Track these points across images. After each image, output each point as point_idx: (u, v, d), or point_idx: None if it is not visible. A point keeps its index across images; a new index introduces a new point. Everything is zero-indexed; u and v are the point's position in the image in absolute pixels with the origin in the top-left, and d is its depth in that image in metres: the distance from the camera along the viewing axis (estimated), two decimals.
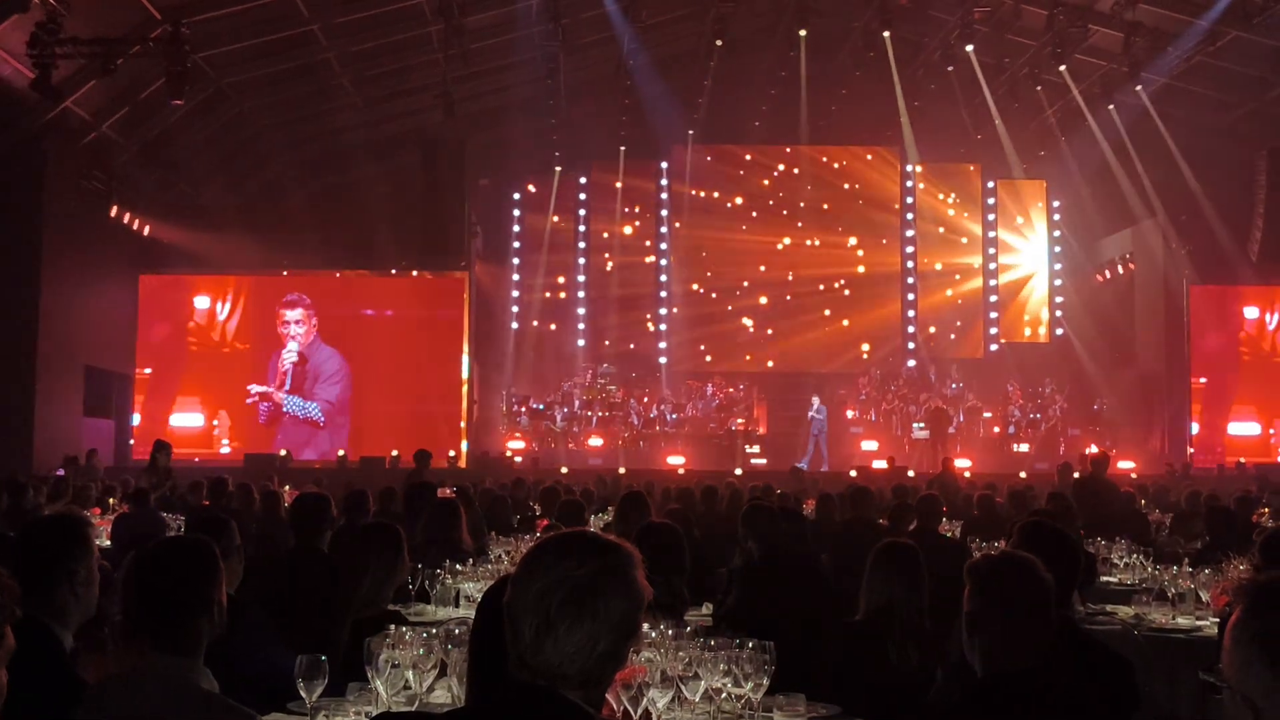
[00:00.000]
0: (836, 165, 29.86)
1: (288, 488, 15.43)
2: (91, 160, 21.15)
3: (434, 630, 3.97)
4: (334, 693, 3.93)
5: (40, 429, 20.36)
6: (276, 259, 26.06)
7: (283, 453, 23.77)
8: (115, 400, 24.38)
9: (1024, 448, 26.39)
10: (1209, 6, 20.31)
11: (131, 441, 24.88)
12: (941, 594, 4.93)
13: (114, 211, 22.61)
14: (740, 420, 26.90)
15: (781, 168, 29.93)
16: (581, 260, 29.60)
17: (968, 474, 20.91)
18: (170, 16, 17.81)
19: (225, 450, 25.58)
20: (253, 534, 9.14)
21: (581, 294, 29.47)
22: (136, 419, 25.40)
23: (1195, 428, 26.15)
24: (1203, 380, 26.28)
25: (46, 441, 20.18)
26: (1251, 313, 26.59)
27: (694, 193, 29.66)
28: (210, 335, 26.49)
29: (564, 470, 22.74)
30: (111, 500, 13.67)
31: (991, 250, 30.00)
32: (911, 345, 29.62)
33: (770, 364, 29.14)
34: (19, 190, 20.07)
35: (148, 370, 25.92)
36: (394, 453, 23.83)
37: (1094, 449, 25.34)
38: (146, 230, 24.18)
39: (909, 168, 29.85)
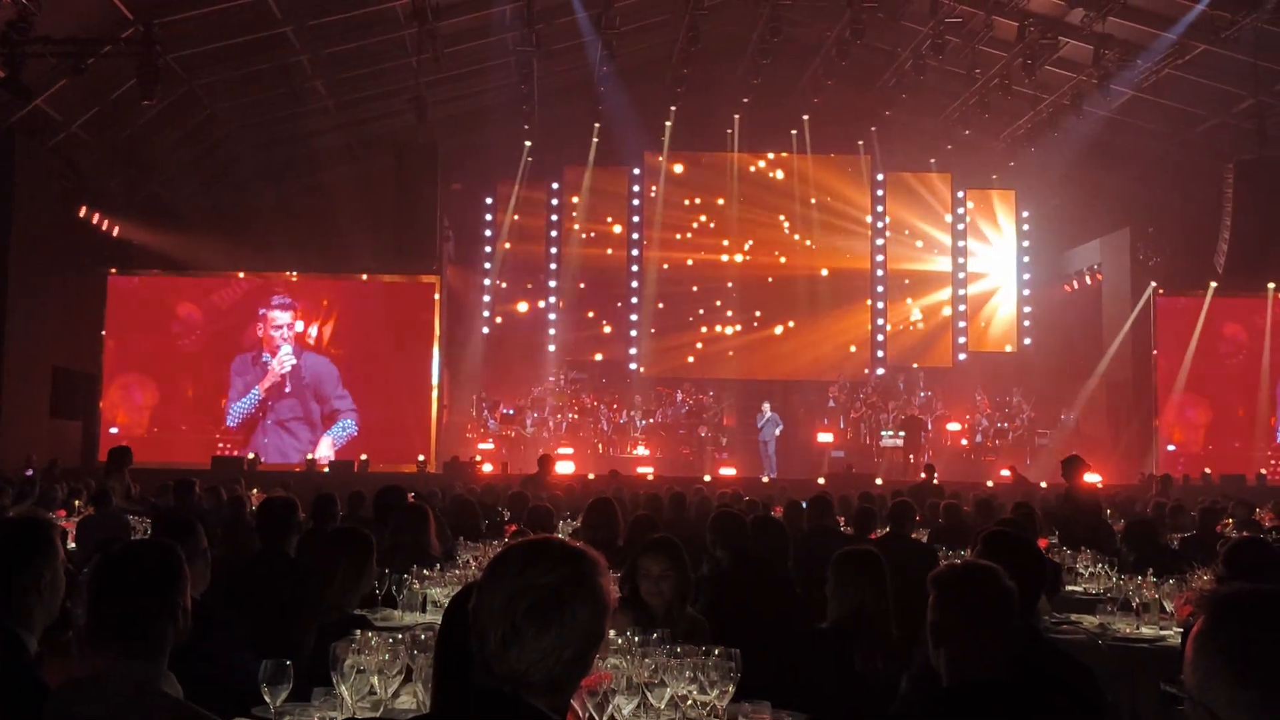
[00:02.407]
0: (807, 173, 29.89)
1: (255, 491, 15.33)
2: (61, 160, 21.01)
3: (400, 635, 3.97)
4: (299, 698, 3.93)
5: (6, 430, 20.19)
6: (247, 261, 25.87)
7: (251, 455, 23.58)
8: (82, 402, 24.16)
9: (991, 457, 26.50)
10: (1177, 20, 20.47)
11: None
12: (911, 599, 4.95)
13: (83, 212, 22.48)
14: (708, 428, 26.91)
15: (753, 175, 29.95)
16: (553, 265, 29.53)
17: (934, 483, 20.93)
18: (142, 16, 17.69)
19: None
20: (219, 537, 9.09)
21: (553, 299, 29.39)
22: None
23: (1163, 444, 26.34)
24: (1170, 391, 26.45)
25: (12, 443, 20.00)
26: (1224, 327, 26.72)
27: (666, 199, 29.66)
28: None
29: None
30: (77, 502, 13.57)
31: (961, 259, 30.10)
32: (880, 354, 29.68)
33: (739, 371, 29.13)
34: None
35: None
36: (363, 456, 23.72)
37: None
38: (116, 231, 24.00)
39: (879, 176, 29.97)
